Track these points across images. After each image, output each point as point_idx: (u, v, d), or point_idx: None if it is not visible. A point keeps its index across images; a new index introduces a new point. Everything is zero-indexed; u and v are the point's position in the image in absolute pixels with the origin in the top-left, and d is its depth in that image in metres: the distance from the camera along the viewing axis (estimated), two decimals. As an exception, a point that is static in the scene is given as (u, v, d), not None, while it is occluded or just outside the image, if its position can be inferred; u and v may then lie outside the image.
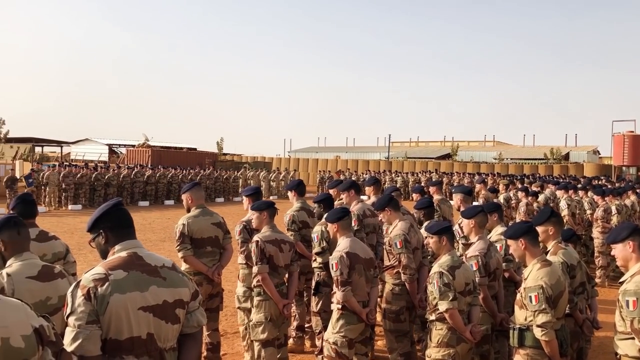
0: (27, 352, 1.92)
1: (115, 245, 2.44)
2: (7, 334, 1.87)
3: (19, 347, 1.90)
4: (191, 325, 2.51)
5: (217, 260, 5.08)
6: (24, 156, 37.18)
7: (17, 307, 1.97)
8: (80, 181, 21.57)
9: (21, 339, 1.90)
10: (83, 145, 45.09)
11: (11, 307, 1.95)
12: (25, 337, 1.92)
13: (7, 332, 1.88)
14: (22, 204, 3.82)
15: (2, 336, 1.86)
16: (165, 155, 36.53)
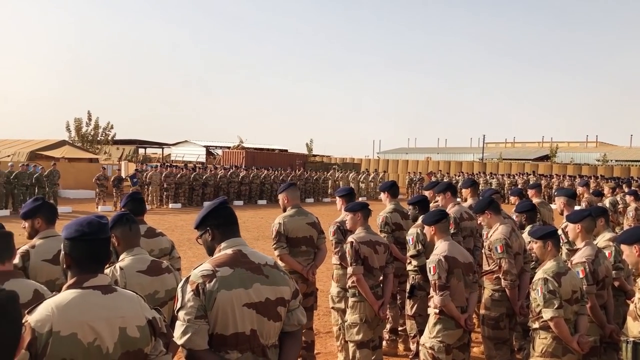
0: (141, 342, 2.02)
1: (221, 243, 2.51)
2: (125, 324, 1.99)
3: (134, 336, 2.00)
4: (292, 324, 2.54)
5: (311, 259, 5.13)
6: (129, 157, 39.64)
7: (132, 298, 2.09)
8: (180, 181, 22.66)
9: (136, 329, 2.01)
10: (182, 147, 47.38)
11: (127, 299, 2.07)
12: (140, 327, 2.02)
13: (125, 322, 1.99)
14: (133, 202, 4.05)
15: (120, 325, 1.97)
16: (259, 156, 37.59)
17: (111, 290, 2.05)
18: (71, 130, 39.08)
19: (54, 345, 1.84)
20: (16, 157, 26.97)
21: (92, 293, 2.00)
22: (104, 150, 39.05)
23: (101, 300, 1.99)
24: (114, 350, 1.95)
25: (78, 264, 2.04)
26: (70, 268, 2.05)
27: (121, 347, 1.97)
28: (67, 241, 2.06)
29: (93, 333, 1.91)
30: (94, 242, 2.05)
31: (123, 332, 1.99)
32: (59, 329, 1.85)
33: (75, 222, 2.08)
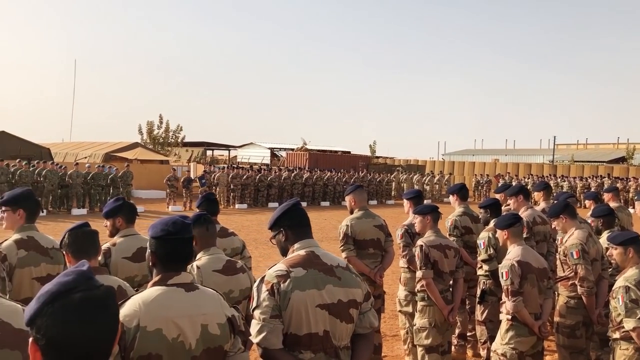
0: (222, 339, 2.08)
1: (295, 244, 2.55)
2: (206, 321, 2.05)
3: (215, 334, 2.06)
4: (364, 326, 2.54)
5: (378, 262, 5.11)
6: (197, 159, 40.81)
7: (213, 296, 2.15)
8: (246, 182, 23.14)
9: (217, 327, 2.07)
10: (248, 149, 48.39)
11: (209, 297, 2.13)
12: (221, 325, 2.08)
13: (206, 320, 2.05)
14: (207, 202, 4.18)
15: (202, 323, 2.04)
16: (322, 158, 37.78)
17: (193, 288, 2.12)
18: (143, 133, 40.68)
19: (141, 340, 1.91)
20: (92, 158, 28.32)
21: (176, 290, 2.06)
22: (174, 152, 40.37)
23: (184, 298, 2.06)
24: (196, 347, 2.01)
25: (163, 262, 2.12)
26: (155, 266, 2.13)
27: (203, 344, 2.03)
28: (152, 240, 2.13)
29: (177, 329, 1.98)
30: (178, 242, 2.12)
31: (205, 329, 2.05)
32: (145, 324, 1.93)
33: (161, 221, 2.17)
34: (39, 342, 1.17)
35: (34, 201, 3.48)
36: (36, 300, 1.18)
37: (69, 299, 1.18)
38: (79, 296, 1.19)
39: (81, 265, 1.28)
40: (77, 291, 1.19)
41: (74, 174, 19.12)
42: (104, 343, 1.23)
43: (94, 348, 1.21)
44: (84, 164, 21.51)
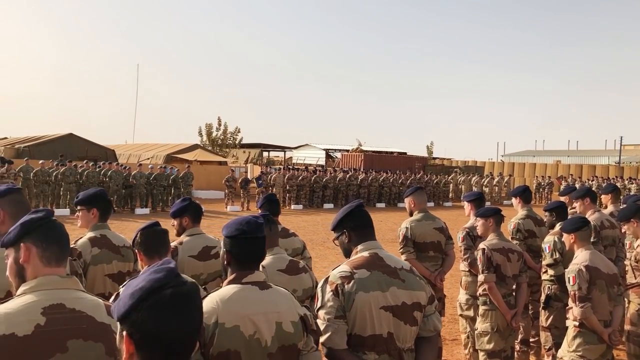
0: (295, 337, 2.11)
1: (358, 245, 2.57)
2: (280, 318, 2.09)
3: (289, 331, 2.10)
4: (427, 329, 2.53)
5: (439, 265, 5.06)
6: (254, 160, 41.47)
7: (286, 295, 2.19)
8: (301, 183, 23.35)
9: (291, 325, 2.11)
10: (303, 150, 48.76)
11: (282, 295, 2.17)
12: (294, 323, 2.12)
13: (280, 317, 2.09)
14: (269, 203, 4.25)
15: (276, 320, 2.08)
16: (377, 159, 37.62)
17: (267, 287, 2.16)
18: (203, 134, 41.70)
19: (219, 336, 1.96)
20: (154, 159, 29.24)
21: (251, 288, 2.11)
22: (231, 154, 41.17)
23: (259, 296, 2.10)
24: (272, 344, 2.04)
25: (237, 261, 2.17)
26: (230, 264, 2.19)
27: (278, 341, 2.06)
28: (227, 239, 2.19)
29: (253, 326, 2.02)
30: (252, 241, 2.16)
31: (279, 326, 2.08)
32: (223, 321, 1.98)
33: (235, 221, 2.22)
34: (134, 336, 1.23)
35: (106, 201, 3.64)
36: (130, 297, 1.24)
37: (161, 294, 1.24)
38: (170, 292, 1.24)
39: (167, 263, 1.33)
40: (168, 287, 1.25)
41: (138, 174, 19.82)
42: (192, 336, 1.28)
43: (183, 341, 1.26)
44: (147, 165, 22.25)
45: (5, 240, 1.86)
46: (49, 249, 1.83)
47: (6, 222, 2.62)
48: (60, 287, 1.80)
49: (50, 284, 1.78)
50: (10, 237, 1.84)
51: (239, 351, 1.99)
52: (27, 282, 1.79)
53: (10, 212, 2.64)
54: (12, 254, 1.85)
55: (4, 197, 2.66)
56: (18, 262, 1.82)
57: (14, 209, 2.66)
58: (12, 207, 2.65)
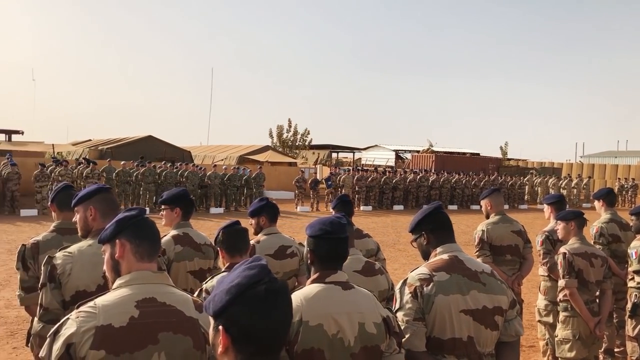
0: (378, 339, 2.11)
1: (437, 247, 2.55)
2: (363, 319, 2.10)
3: (372, 332, 2.10)
4: (509, 334, 2.48)
5: (516, 269, 4.92)
6: (323, 161, 41.75)
7: (368, 296, 2.20)
8: (370, 184, 23.28)
9: (373, 326, 2.11)
10: (373, 151, 48.54)
11: (364, 296, 2.19)
12: (377, 324, 2.12)
13: (363, 318, 2.10)
14: (342, 203, 4.27)
15: (359, 321, 2.09)
16: (449, 160, 36.94)
17: (350, 287, 2.17)
18: (273, 136, 42.47)
19: (304, 334, 2.00)
20: (228, 160, 30.03)
21: (334, 288, 2.13)
22: (301, 155, 41.65)
23: (342, 296, 2.12)
24: (355, 344, 2.05)
25: (320, 261, 2.19)
26: (313, 264, 2.21)
27: (360, 342, 2.07)
28: (311, 239, 2.22)
29: (336, 326, 2.04)
30: (335, 241, 2.18)
31: (362, 327, 2.09)
32: (307, 319, 2.02)
33: (319, 221, 2.25)
34: (230, 331, 1.28)
35: (189, 200, 3.78)
36: (226, 292, 1.29)
37: (255, 290, 1.28)
38: (264, 288, 1.29)
39: (259, 260, 1.38)
40: (262, 283, 1.29)
41: (212, 175, 20.44)
42: (284, 332, 1.33)
43: (276, 336, 1.30)
44: (221, 166, 22.89)
45: (102, 237, 1.98)
46: (142, 245, 1.93)
47: (97, 219, 2.78)
48: (152, 282, 1.89)
49: (143, 279, 1.88)
50: (107, 234, 1.96)
51: (323, 350, 2.01)
52: (122, 277, 1.90)
53: (101, 210, 2.80)
54: (108, 249, 1.96)
55: (95, 196, 2.82)
56: (113, 257, 1.93)
57: (104, 206, 2.81)
58: (103, 205, 2.81)
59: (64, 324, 1.76)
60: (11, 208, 17.14)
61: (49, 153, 25.14)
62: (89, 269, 2.57)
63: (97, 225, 2.74)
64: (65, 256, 2.60)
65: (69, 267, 2.55)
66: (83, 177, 18.11)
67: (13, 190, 17.26)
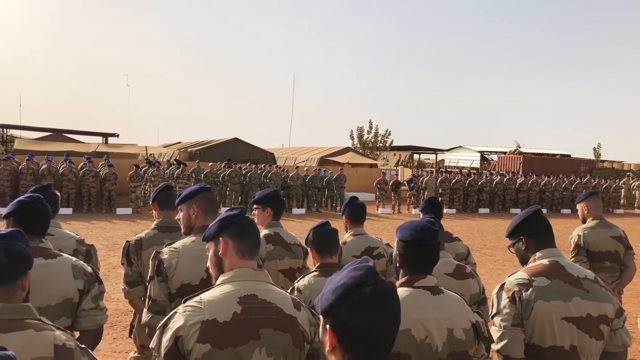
0: (467, 344, 2.08)
1: (536, 252, 2.46)
2: (452, 325, 2.07)
3: (460, 338, 2.07)
4: (615, 344, 2.35)
5: (616, 277, 4.65)
6: (404, 162, 41.33)
7: (457, 301, 2.17)
8: (455, 187, 22.79)
9: (462, 332, 2.08)
10: (456, 152, 47.48)
11: (453, 301, 2.15)
12: (466, 330, 2.08)
13: (452, 324, 2.07)
14: (431, 206, 4.21)
15: (448, 327, 2.06)
16: (537, 162, 35.47)
17: (439, 292, 2.15)
18: (354, 137, 42.54)
19: None
20: (309, 162, 30.41)
21: (422, 292, 2.11)
22: (382, 156, 41.46)
23: (430, 300, 2.10)
24: (443, 350, 2.03)
25: (409, 265, 2.18)
26: (402, 267, 2.21)
27: (449, 348, 2.05)
28: (401, 243, 2.21)
29: (425, 331, 2.03)
30: (425, 247, 2.16)
31: (450, 333, 2.06)
32: None
33: (410, 226, 2.23)
34: (336, 330, 1.30)
35: (280, 201, 3.88)
36: (332, 292, 1.31)
37: (362, 291, 1.29)
38: (370, 289, 1.30)
39: (366, 261, 1.39)
40: (368, 285, 1.30)
41: (295, 176, 20.79)
42: (391, 334, 1.33)
43: (382, 338, 1.31)
44: (303, 168, 23.22)
45: (206, 235, 2.07)
46: (244, 243, 2.00)
47: (199, 217, 2.93)
48: (253, 279, 1.96)
49: (245, 276, 1.95)
50: (211, 232, 2.04)
51: (410, 355, 2.00)
52: (225, 273, 1.97)
53: (203, 208, 2.94)
54: (212, 247, 2.05)
55: (197, 195, 2.97)
56: (217, 254, 2.02)
57: (206, 205, 2.96)
58: (204, 204, 2.95)
59: (172, 317, 1.85)
60: (108, 207, 18.23)
61: (142, 155, 26.55)
62: (192, 264, 2.71)
63: (199, 222, 2.88)
64: (171, 251, 2.75)
65: (174, 261, 2.70)
66: (174, 177, 18.94)
67: (110, 189, 18.34)
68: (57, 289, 2.47)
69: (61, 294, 2.48)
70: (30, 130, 34.18)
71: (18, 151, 22.19)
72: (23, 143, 26.97)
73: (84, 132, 33.50)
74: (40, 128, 33.42)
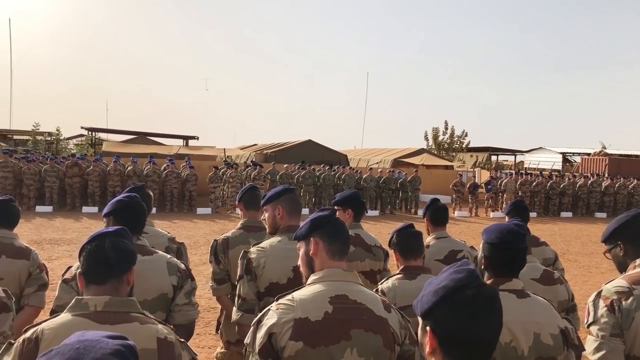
0: (554, 350, 2.03)
1: (636, 259, 2.34)
2: (539, 329, 2.02)
3: (547, 344, 2.02)
4: None
5: None
6: (482, 164, 40.26)
7: (545, 306, 2.11)
8: (535, 189, 21.96)
9: (550, 337, 2.03)
10: (537, 154, 45.77)
11: (541, 306, 2.10)
12: (553, 335, 2.03)
13: (539, 328, 2.03)
14: (516, 209, 4.09)
15: (534, 331, 2.02)
16: (625, 163, 33.58)
17: (524, 295, 2.11)
18: (429, 139, 41.93)
19: None
20: (382, 164, 30.25)
21: (508, 296, 2.08)
22: (458, 158, 40.60)
23: (516, 304, 2.06)
24: (528, 354, 2.00)
25: (494, 268, 2.15)
26: (487, 270, 2.18)
27: (535, 352, 2.01)
28: (487, 245, 2.18)
29: (510, 334, 2.00)
30: (512, 251, 2.13)
31: (537, 337, 2.02)
32: None
33: (497, 228, 2.20)
34: (437, 332, 1.29)
35: (361, 203, 3.88)
36: (433, 294, 1.31)
37: (464, 294, 1.28)
38: (472, 292, 1.29)
39: (466, 264, 1.38)
40: (470, 288, 1.29)
41: (368, 177, 20.75)
42: (493, 338, 1.30)
43: (483, 342, 1.29)
44: (377, 169, 23.13)
45: (297, 234, 2.11)
46: (334, 243, 2.02)
47: (284, 218, 2.99)
48: (343, 280, 1.98)
49: (335, 276, 1.97)
50: (302, 232, 2.08)
51: (495, 357, 1.96)
52: (316, 273, 2.00)
53: (287, 209, 3.00)
54: (303, 246, 2.09)
55: (282, 196, 3.03)
56: (308, 254, 2.05)
57: (290, 206, 3.02)
58: (289, 205, 3.02)
59: (265, 314, 1.90)
60: (189, 206, 18.92)
61: (220, 156, 27.37)
62: (280, 263, 2.77)
63: (284, 223, 2.94)
64: (259, 251, 2.82)
65: (262, 260, 2.77)
66: (251, 179, 19.39)
67: (191, 190, 19.03)
68: (153, 284, 2.59)
69: (157, 289, 2.60)
70: (116, 134, 36.12)
71: (106, 153, 23.46)
72: (110, 145, 28.51)
73: (166, 135, 35.04)
74: (125, 131, 35.24)
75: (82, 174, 18.07)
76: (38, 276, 3.32)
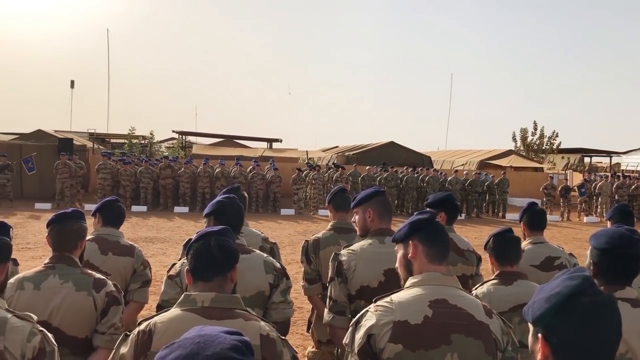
0: None
1: None
2: None
3: None
4: None
5: None
6: (574, 166, 38.30)
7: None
8: (634, 193, 20.64)
9: None
10: (635, 155, 42.80)
11: None
12: None
13: None
14: (620, 213, 3.87)
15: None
16: None
17: (638, 305, 2.00)
18: (517, 140, 40.48)
19: None
20: (468, 166, 29.51)
21: (621, 304, 1.96)
22: (548, 159, 38.91)
23: (631, 313, 1.97)
24: None
25: (605, 275, 2.05)
26: (596, 277, 2.07)
27: None
28: (595, 251, 2.09)
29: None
30: (623, 257, 2.02)
31: None
32: None
33: (606, 233, 2.09)
34: (550, 340, 1.25)
35: (454, 205, 3.80)
36: (546, 300, 1.27)
37: (577, 302, 1.23)
38: (588, 300, 1.23)
39: (581, 270, 1.32)
40: (585, 295, 1.24)
41: (453, 180, 20.30)
42: (611, 349, 1.24)
43: (601, 352, 1.23)
44: (462, 171, 22.60)
45: (396, 237, 2.11)
46: (434, 247, 2.00)
47: (374, 220, 2.98)
48: (442, 284, 1.95)
49: (435, 280, 1.95)
50: (401, 234, 2.08)
51: None
52: (415, 276, 1.99)
53: (378, 211, 2.99)
54: (401, 249, 2.08)
55: (373, 199, 3.03)
56: (406, 257, 2.04)
57: (381, 208, 3.01)
58: (379, 207, 3.01)
59: (364, 316, 1.91)
60: (273, 207, 19.34)
61: (302, 158, 27.77)
62: (370, 266, 2.77)
63: (375, 226, 2.94)
64: (350, 253, 2.83)
65: (353, 263, 2.78)
66: (332, 180, 19.54)
67: (275, 191, 19.44)
68: (251, 282, 2.67)
69: (255, 286, 2.67)
70: (204, 137, 37.54)
71: (195, 156, 24.46)
72: (199, 148, 29.70)
73: (251, 138, 36.04)
74: (213, 134, 36.59)
75: (175, 175, 18.94)
76: (142, 273, 3.51)
